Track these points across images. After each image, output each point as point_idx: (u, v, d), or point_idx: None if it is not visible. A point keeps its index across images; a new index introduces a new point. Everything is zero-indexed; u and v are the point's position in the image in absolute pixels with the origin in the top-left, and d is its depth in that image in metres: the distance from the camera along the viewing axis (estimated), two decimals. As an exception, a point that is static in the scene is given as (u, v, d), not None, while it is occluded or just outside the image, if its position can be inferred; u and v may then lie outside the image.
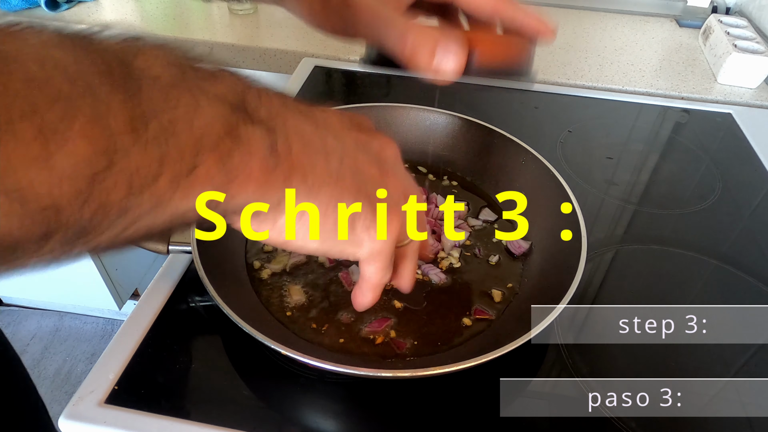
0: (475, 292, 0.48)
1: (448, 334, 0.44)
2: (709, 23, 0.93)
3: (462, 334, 0.44)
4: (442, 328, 0.45)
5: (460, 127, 0.60)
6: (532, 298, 0.46)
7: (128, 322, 0.44)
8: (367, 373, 0.36)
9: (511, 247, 0.52)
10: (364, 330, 0.44)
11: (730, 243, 0.57)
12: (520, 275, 0.49)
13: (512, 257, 0.51)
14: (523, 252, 0.51)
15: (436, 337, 0.44)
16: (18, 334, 1.53)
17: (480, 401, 0.40)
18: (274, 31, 0.91)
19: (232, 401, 0.39)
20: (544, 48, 0.91)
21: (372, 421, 0.40)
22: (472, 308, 0.46)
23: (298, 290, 0.47)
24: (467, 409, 0.40)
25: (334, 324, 0.44)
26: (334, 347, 0.43)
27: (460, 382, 0.41)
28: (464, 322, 0.45)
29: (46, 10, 0.90)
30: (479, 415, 0.40)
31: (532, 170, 0.54)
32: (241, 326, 0.37)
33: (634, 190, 0.64)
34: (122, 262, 1.40)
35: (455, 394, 0.41)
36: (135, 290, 1.49)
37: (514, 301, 0.47)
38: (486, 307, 0.47)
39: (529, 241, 0.52)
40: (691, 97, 0.81)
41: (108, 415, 0.38)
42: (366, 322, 0.44)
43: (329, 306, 0.46)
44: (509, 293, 0.48)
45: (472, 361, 0.36)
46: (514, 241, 0.52)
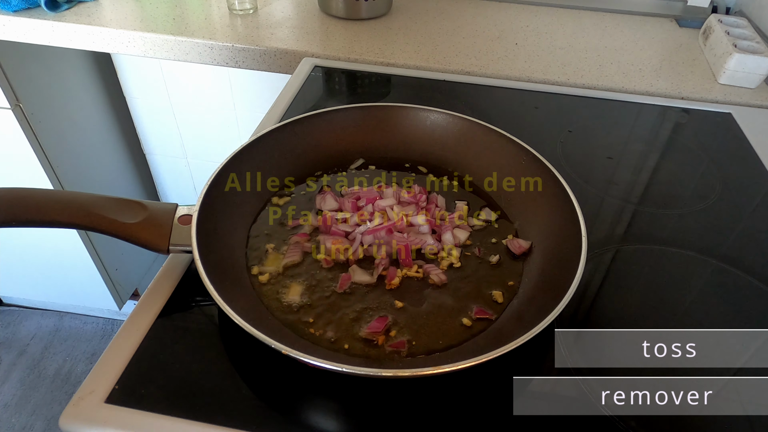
0: (475, 292, 0.48)
1: (447, 333, 0.44)
2: (709, 23, 0.93)
3: (461, 334, 0.44)
4: (442, 328, 0.45)
5: (460, 127, 0.60)
6: (533, 298, 0.46)
7: (128, 322, 0.44)
8: (368, 373, 0.36)
9: (511, 247, 0.52)
10: (364, 330, 0.44)
11: (730, 243, 0.57)
12: (521, 275, 0.50)
13: (513, 257, 0.51)
14: (523, 251, 0.51)
15: (436, 336, 0.44)
16: (18, 334, 1.53)
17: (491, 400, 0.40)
18: (274, 31, 0.91)
19: (232, 401, 0.39)
20: (544, 48, 0.91)
21: (374, 422, 0.40)
22: (472, 308, 0.46)
23: (298, 290, 0.47)
24: (479, 407, 0.40)
25: (334, 323, 0.44)
26: (334, 347, 0.43)
27: (473, 379, 0.41)
28: (464, 322, 0.45)
29: (46, 10, 0.90)
30: (492, 414, 0.40)
31: (532, 170, 0.54)
32: (242, 326, 0.37)
33: (634, 190, 0.64)
34: (122, 262, 1.40)
35: (467, 392, 0.41)
36: (135, 290, 1.50)
37: (515, 300, 0.47)
38: (486, 306, 0.47)
39: (530, 241, 0.52)
40: (691, 97, 0.81)
41: (108, 415, 0.38)
42: (366, 322, 0.44)
43: (329, 305, 0.46)
44: (509, 293, 0.48)
45: (472, 361, 0.36)
46: (514, 240, 0.52)
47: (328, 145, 0.60)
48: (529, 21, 1.02)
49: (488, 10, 1.06)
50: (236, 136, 1.20)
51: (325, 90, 0.81)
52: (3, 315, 1.57)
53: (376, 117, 0.62)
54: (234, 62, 0.89)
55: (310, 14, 0.99)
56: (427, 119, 0.61)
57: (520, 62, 0.87)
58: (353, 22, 0.96)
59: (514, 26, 0.99)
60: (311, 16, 0.98)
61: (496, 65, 0.85)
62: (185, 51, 0.90)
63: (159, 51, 0.91)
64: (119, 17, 0.92)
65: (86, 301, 1.49)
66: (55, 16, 0.91)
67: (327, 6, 0.97)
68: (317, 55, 0.85)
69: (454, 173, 0.60)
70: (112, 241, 0.45)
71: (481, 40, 0.93)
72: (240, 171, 0.52)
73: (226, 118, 1.17)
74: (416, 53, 0.87)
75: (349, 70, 0.83)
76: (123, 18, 0.92)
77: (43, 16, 0.90)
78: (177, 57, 0.91)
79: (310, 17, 0.97)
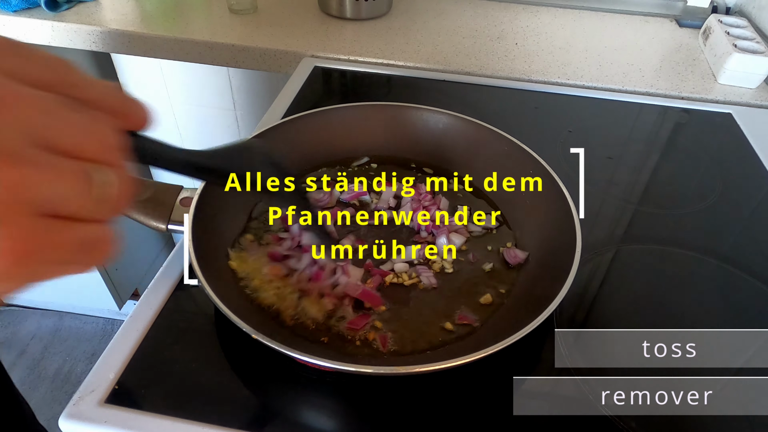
0: (462, 297, 0.47)
1: (426, 336, 0.44)
2: (709, 23, 0.93)
3: (442, 337, 0.44)
4: (422, 330, 0.44)
5: (460, 128, 0.60)
6: (520, 306, 0.45)
7: (128, 322, 0.44)
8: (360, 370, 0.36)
9: (507, 256, 0.51)
10: (344, 326, 0.44)
11: (730, 243, 0.57)
12: (512, 283, 0.49)
13: (507, 266, 0.50)
14: (518, 262, 0.50)
15: (415, 338, 0.44)
16: (18, 334, 1.53)
17: (491, 400, 0.40)
18: (274, 31, 0.91)
19: (232, 401, 0.39)
20: (544, 48, 0.91)
21: (374, 421, 0.40)
22: (456, 313, 0.46)
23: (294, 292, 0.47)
24: (479, 407, 0.40)
25: (324, 322, 0.44)
26: (310, 338, 0.43)
27: (473, 379, 0.41)
28: (446, 326, 0.45)
29: (46, 10, 0.90)
30: (492, 414, 0.40)
31: (532, 170, 0.54)
32: (242, 326, 0.37)
33: (634, 190, 0.64)
34: (122, 262, 1.40)
35: (467, 392, 0.41)
36: (135, 290, 1.50)
37: (505, 305, 0.47)
38: (471, 312, 0.46)
39: (526, 252, 0.51)
40: (691, 97, 0.81)
41: (108, 415, 0.38)
42: (347, 319, 0.44)
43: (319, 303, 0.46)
44: (499, 299, 0.47)
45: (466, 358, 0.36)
46: (511, 249, 0.51)
47: (332, 142, 0.61)
48: (529, 21, 1.02)
49: (488, 10, 1.05)
50: (236, 136, 1.20)
51: (325, 90, 0.81)
52: (3, 315, 1.57)
53: (376, 117, 0.62)
54: (234, 62, 0.89)
55: (310, 14, 0.99)
56: (427, 119, 0.61)
57: (520, 62, 0.87)
58: (353, 22, 0.96)
59: (514, 26, 0.99)
60: (311, 16, 0.98)
61: (496, 65, 0.85)
62: (185, 51, 0.90)
63: (159, 51, 0.91)
64: (119, 17, 0.92)
65: (86, 301, 1.49)
66: (55, 16, 0.90)
67: (327, 6, 0.97)
68: (317, 55, 0.85)
69: (454, 173, 0.60)
70: (112, 241, 0.45)
71: (481, 40, 0.93)
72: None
73: (226, 118, 1.17)
74: (416, 53, 0.87)
75: (349, 70, 0.83)
76: (123, 18, 0.92)
77: (43, 16, 0.90)
78: (177, 57, 0.91)
79: (310, 17, 0.97)
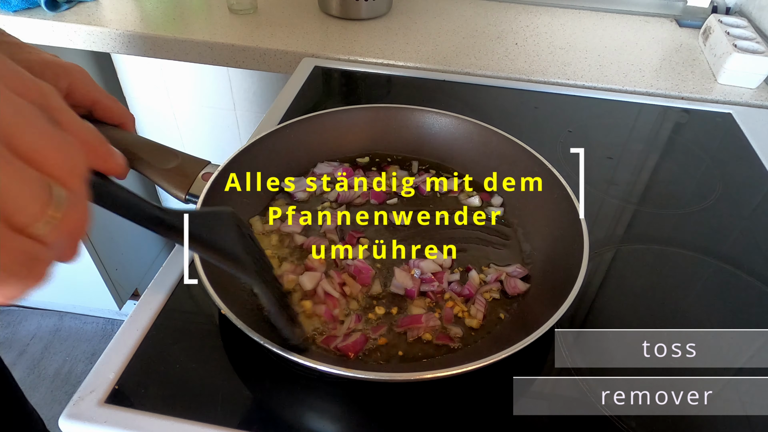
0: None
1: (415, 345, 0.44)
2: (709, 23, 0.93)
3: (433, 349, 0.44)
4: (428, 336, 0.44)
5: (460, 128, 0.60)
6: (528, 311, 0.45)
7: (128, 322, 0.44)
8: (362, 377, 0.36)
9: (506, 286, 0.48)
10: (340, 343, 0.43)
11: (730, 243, 0.57)
12: (512, 306, 0.47)
13: (506, 297, 0.48)
14: (517, 293, 0.48)
15: (420, 342, 0.44)
16: (18, 334, 1.53)
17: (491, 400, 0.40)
18: (274, 31, 0.91)
19: (232, 401, 0.39)
20: (544, 48, 0.91)
21: (374, 423, 0.40)
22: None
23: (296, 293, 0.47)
24: (480, 408, 0.40)
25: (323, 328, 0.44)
26: (328, 350, 0.43)
27: (473, 380, 0.41)
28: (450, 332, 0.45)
29: (46, 10, 0.90)
30: (492, 414, 0.40)
31: (532, 170, 0.54)
32: (242, 327, 0.37)
33: (634, 190, 0.64)
34: (122, 262, 1.40)
35: (467, 393, 0.41)
36: (135, 290, 1.50)
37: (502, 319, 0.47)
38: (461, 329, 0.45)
39: (527, 285, 0.48)
40: (691, 97, 0.81)
41: (108, 415, 0.38)
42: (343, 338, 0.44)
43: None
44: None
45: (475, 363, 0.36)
46: (510, 279, 0.48)
47: (332, 144, 0.61)
48: (529, 21, 1.02)
49: (488, 10, 1.06)
50: (236, 136, 1.20)
51: (325, 90, 0.81)
52: (3, 315, 1.57)
53: (376, 117, 0.62)
54: (234, 62, 0.89)
55: (310, 14, 0.99)
56: (427, 119, 0.61)
57: (520, 62, 0.87)
58: (353, 22, 0.96)
59: (514, 26, 0.99)
60: (311, 16, 0.98)
61: (496, 65, 0.85)
62: (185, 51, 0.90)
63: (159, 51, 0.91)
64: (119, 17, 0.92)
65: (86, 301, 1.49)
66: (55, 16, 0.90)
67: (327, 6, 0.97)
68: (317, 55, 0.85)
69: (454, 173, 0.60)
70: (112, 241, 0.46)
71: (481, 40, 0.93)
72: (240, 171, 0.52)
73: (226, 118, 1.17)
74: (416, 53, 0.87)
75: (349, 70, 0.83)
76: (123, 18, 0.92)
77: (43, 16, 0.90)
78: (177, 57, 0.91)
79: (310, 17, 0.97)
